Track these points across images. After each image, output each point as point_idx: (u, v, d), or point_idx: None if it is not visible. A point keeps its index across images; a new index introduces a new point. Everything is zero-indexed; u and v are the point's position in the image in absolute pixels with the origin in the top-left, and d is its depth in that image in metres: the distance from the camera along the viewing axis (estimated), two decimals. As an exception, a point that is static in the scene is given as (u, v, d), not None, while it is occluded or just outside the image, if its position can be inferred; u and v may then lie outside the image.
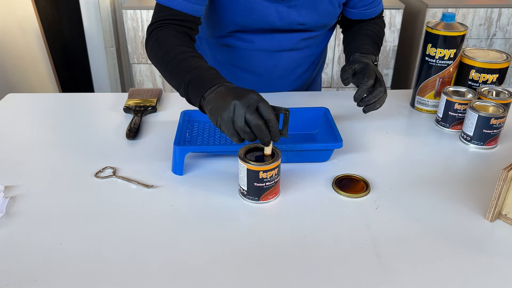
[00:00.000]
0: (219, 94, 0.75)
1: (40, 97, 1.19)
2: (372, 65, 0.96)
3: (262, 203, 0.76)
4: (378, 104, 0.92)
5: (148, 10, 2.26)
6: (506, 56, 1.02)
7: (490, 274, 0.62)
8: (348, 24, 1.16)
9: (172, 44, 0.88)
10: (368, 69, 0.92)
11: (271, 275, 0.62)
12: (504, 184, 0.69)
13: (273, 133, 0.72)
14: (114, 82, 2.72)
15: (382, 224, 0.71)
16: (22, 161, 0.88)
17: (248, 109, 0.70)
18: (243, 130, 0.71)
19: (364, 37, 1.07)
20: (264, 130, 0.71)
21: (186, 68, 0.83)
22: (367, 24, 1.11)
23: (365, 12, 1.10)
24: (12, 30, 2.19)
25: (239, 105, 0.71)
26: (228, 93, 0.73)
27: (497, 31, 2.37)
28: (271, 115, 0.72)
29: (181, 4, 0.93)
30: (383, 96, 0.91)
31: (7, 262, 0.64)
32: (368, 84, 0.89)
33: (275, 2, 1.00)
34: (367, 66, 0.94)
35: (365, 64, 0.95)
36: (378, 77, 0.92)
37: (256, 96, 0.72)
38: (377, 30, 1.11)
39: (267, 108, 0.72)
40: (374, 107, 0.92)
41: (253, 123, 0.71)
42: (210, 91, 0.77)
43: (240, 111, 0.71)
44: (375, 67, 0.95)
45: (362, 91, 0.90)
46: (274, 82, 1.17)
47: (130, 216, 0.73)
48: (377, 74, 0.93)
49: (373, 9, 1.10)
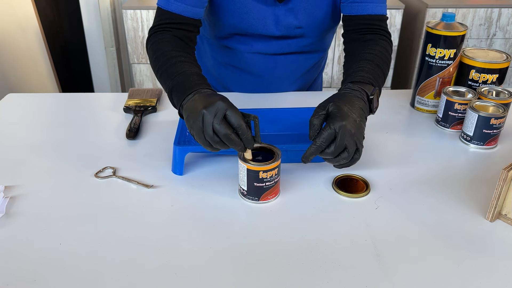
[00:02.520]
0: (193, 102, 0.74)
1: (40, 97, 1.19)
2: (347, 119, 0.73)
3: (262, 203, 0.76)
4: (340, 167, 0.79)
5: (148, 10, 2.26)
6: (506, 56, 1.02)
7: (490, 274, 0.62)
8: (348, 40, 1.03)
9: (164, 49, 0.88)
10: (331, 130, 0.73)
11: (271, 275, 0.62)
12: (504, 184, 0.69)
13: (245, 141, 0.71)
14: (114, 82, 2.72)
15: (382, 224, 0.71)
16: (22, 161, 0.88)
17: (216, 118, 0.69)
18: (213, 140, 0.70)
19: (363, 63, 0.90)
20: (234, 139, 0.69)
21: (171, 74, 0.83)
22: (369, 45, 0.96)
23: (359, 5, 0.99)
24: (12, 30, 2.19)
25: (206, 114, 0.69)
26: (199, 102, 0.72)
27: (497, 31, 2.37)
28: (240, 122, 0.70)
29: (180, 8, 0.93)
30: (352, 159, 0.76)
31: (7, 262, 0.64)
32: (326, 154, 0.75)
33: (272, 5, 1.00)
34: (335, 122, 0.73)
35: (335, 119, 0.73)
36: (341, 142, 0.73)
37: (224, 103, 0.70)
38: (380, 52, 0.94)
39: (236, 115, 0.70)
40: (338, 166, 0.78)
41: (222, 132, 0.69)
42: (187, 99, 0.76)
43: (208, 120, 0.69)
44: (349, 123, 0.73)
45: (312, 154, 0.75)
46: (275, 83, 1.16)
47: (130, 216, 0.73)
48: (346, 137, 0.72)
49: (362, 4, 0.98)
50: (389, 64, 0.97)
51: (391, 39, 1.02)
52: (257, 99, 1.14)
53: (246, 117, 0.72)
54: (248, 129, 0.71)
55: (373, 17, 1.00)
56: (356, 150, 0.76)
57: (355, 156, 0.76)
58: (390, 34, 1.02)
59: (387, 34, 1.02)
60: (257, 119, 0.72)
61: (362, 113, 0.78)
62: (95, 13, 2.57)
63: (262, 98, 1.14)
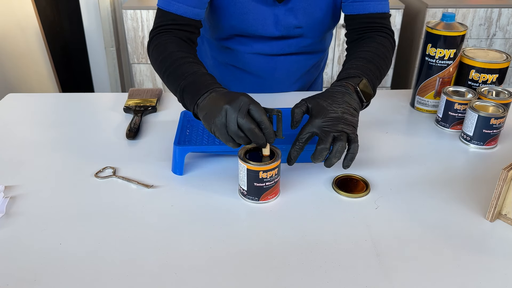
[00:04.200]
0: (211, 100, 0.74)
1: (40, 97, 1.19)
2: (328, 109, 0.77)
3: (262, 203, 0.76)
4: (348, 161, 0.79)
5: (148, 10, 2.27)
6: (506, 56, 1.02)
7: (490, 274, 0.62)
8: (349, 38, 1.03)
9: (170, 50, 0.88)
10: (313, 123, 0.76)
11: (271, 275, 0.62)
12: (504, 184, 0.69)
13: (267, 135, 0.72)
14: (114, 82, 2.72)
15: (382, 224, 0.71)
16: (22, 161, 0.88)
17: (240, 112, 0.70)
18: (237, 135, 0.71)
19: (356, 60, 0.90)
20: (258, 133, 0.70)
21: (181, 74, 0.82)
22: (368, 41, 0.96)
23: (361, 4, 0.99)
24: (12, 30, 2.19)
25: (230, 110, 0.70)
26: (220, 98, 0.73)
27: (497, 31, 2.37)
28: (263, 117, 0.71)
29: (181, 9, 0.93)
30: (351, 148, 0.77)
31: (7, 262, 0.64)
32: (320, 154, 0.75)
33: (272, 5, 0.99)
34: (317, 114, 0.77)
35: (318, 110, 0.77)
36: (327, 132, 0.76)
37: (247, 98, 0.71)
38: (377, 48, 0.94)
39: (259, 110, 0.71)
40: (343, 165, 0.79)
41: (246, 126, 0.70)
42: (203, 98, 0.76)
43: (232, 115, 0.70)
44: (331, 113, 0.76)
45: (294, 153, 0.77)
46: (275, 84, 1.16)
47: (130, 216, 0.73)
48: (330, 126, 0.75)
49: (363, 3, 0.98)
50: (388, 58, 0.95)
51: (393, 36, 1.01)
52: (257, 99, 1.12)
53: (269, 112, 0.73)
54: (270, 123, 0.72)
55: (374, 15, 1.00)
56: (352, 140, 0.77)
57: (352, 146, 0.77)
58: (393, 32, 1.02)
59: (388, 31, 1.01)
60: (281, 114, 0.74)
61: (348, 106, 0.79)
62: (95, 13, 2.57)
63: (262, 98, 1.14)
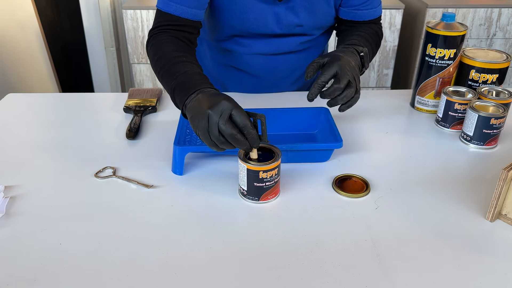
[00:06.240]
0: (197, 102, 0.74)
1: (40, 97, 1.19)
2: (344, 58, 0.84)
3: (262, 203, 0.76)
4: (346, 107, 0.85)
5: (148, 10, 2.26)
6: (506, 56, 1.02)
7: (490, 274, 0.62)
8: (341, 28, 1.10)
9: (165, 50, 0.88)
10: (333, 65, 0.82)
11: (271, 275, 0.62)
12: (504, 184, 0.69)
13: (251, 140, 0.71)
14: (114, 82, 2.72)
15: (382, 224, 0.71)
16: (22, 161, 0.88)
17: (221, 118, 0.69)
18: (219, 140, 0.70)
19: (355, 36, 0.99)
20: (239, 138, 0.69)
21: (173, 74, 0.82)
22: (361, 27, 1.05)
23: (356, 12, 1.04)
24: (12, 30, 2.19)
25: (212, 115, 0.69)
26: (203, 102, 0.72)
27: (497, 31, 2.37)
28: (245, 122, 0.70)
29: (180, 10, 0.93)
30: (353, 97, 0.84)
31: (7, 262, 0.64)
32: (333, 89, 0.81)
33: (272, 3, 0.99)
34: (335, 60, 0.83)
35: (335, 57, 0.84)
36: (344, 74, 0.82)
37: (229, 103, 0.70)
38: (371, 32, 1.04)
39: (241, 115, 0.70)
40: (341, 108, 0.85)
41: (227, 132, 0.69)
42: (190, 99, 0.76)
43: (214, 120, 0.69)
44: (346, 61, 0.84)
45: (315, 91, 0.83)
46: (274, 84, 1.16)
47: (130, 216, 0.73)
48: (347, 71, 0.82)
49: (365, 11, 1.04)
50: (379, 45, 1.07)
51: (382, 28, 1.11)
52: (257, 99, 1.14)
53: (253, 116, 0.72)
54: (254, 128, 0.71)
55: (368, 21, 1.07)
56: (356, 91, 0.83)
57: (355, 96, 0.83)
58: (381, 25, 1.11)
59: (379, 25, 1.10)
60: (264, 118, 0.72)
61: (357, 63, 0.87)
62: (95, 13, 2.57)
63: (262, 98, 1.14)
